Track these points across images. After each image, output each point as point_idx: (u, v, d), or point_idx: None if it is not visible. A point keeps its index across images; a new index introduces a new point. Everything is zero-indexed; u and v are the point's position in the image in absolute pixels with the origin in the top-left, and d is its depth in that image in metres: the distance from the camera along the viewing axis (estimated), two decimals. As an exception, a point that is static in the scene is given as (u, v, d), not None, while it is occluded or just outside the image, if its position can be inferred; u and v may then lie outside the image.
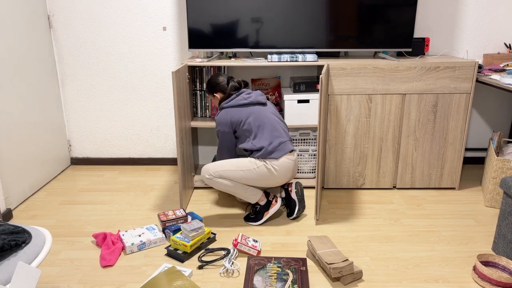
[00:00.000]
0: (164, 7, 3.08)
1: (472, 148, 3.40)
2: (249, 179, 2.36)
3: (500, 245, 2.10)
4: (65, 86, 3.29)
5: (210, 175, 2.37)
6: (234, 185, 2.37)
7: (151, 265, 2.08)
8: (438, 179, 2.90)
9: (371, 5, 2.75)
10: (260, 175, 2.35)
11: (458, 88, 2.72)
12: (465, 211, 2.63)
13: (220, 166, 2.37)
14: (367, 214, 2.59)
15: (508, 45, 3.11)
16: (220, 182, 2.36)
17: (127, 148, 3.43)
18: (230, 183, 2.36)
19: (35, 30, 2.93)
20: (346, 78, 2.70)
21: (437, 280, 1.95)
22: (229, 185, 2.37)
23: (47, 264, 2.09)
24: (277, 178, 2.39)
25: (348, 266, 1.89)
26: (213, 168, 2.37)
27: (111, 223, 2.50)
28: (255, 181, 2.37)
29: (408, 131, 2.80)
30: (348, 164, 2.87)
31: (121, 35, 3.15)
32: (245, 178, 2.35)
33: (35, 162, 2.94)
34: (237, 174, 2.35)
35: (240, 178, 2.35)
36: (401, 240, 2.30)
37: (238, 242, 2.17)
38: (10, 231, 1.49)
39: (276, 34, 2.80)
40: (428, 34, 3.13)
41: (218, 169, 2.36)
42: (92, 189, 2.99)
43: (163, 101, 3.30)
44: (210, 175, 2.37)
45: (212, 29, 2.79)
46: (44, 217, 2.58)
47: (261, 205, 2.45)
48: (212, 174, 2.36)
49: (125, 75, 3.24)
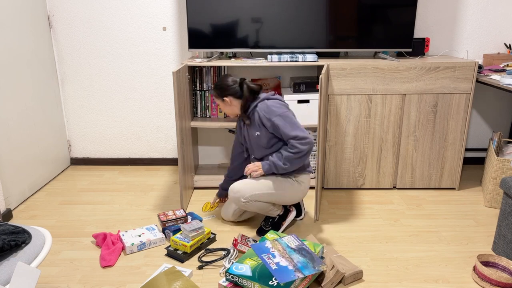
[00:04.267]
0: (164, 7, 3.08)
1: (472, 148, 3.40)
2: (280, 199, 2.25)
3: (500, 245, 2.10)
4: (65, 86, 3.29)
5: (246, 199, 2.17)
6: (264, 206, 2.23)
7: (151, 265, 2.08)
8: (438, 179, 2.90)
9: (371, 5, 2.75)
10: (292, 194, 2.25)
11: (458, 88, 2.72)
12: (465, 211, 2.63)
13: (255, 189, 2.17)
14: (367, 214, 2.59)
15: (508, 45, 3.11)
16: (254, 204, 2.19)
17: (127, 148, 3.43)
18: (261, 205, 2.21)
19: (35, 30, 2.93)
20: (346, 78, 2.70)
21: (437, 280, 1.95)
22: (259, 207, 2.22)
23: (47, 264, 2.09)
24: (302, 195, 2.31)
25: (337, 274, 1.88)
26: (247, 192, 2.17)
27: (111, 223, 2.50)
28: (283, 200, 2.27)
29: (408, 131, 2.80)
30: (348, 164, 2.87)
31: (121, 35, 3.15)
32: (278, 199, 2.23)
33: (35, 162, 2.94)
34: (272, 196, 2.21)
35: (273, 200, 2.23)
36: (401, 240, 2.30)
37: (238, 242, 2.17)
38: (10, 231, 1.48)
39: (276, 34, 2.80)
40: (428, 34, 3.13)
41: (253, 192, 2.17)
42: (92, 189, 2.99)
43: (163, 101, 3.30)
44: (246, 199, 2.17)
45: (212, 29, 2.79)
46: (44, 217, 2.58)
47: (279, 215, 2.35)
48: (248, 198, 2.17)
49: (125, 75, 3.24)
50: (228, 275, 1.82)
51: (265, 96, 2.25)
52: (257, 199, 2.19)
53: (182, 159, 2.53)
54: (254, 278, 1.75)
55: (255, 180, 2.21)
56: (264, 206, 2.23)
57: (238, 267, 1.82)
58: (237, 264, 1.85)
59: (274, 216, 2.34)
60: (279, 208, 2.34)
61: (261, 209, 2.24)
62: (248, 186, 2.18)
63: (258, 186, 2.18)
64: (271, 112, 2.16)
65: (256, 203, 2.20)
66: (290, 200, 2.28)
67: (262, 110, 2.18)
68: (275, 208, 2.30)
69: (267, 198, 2.20)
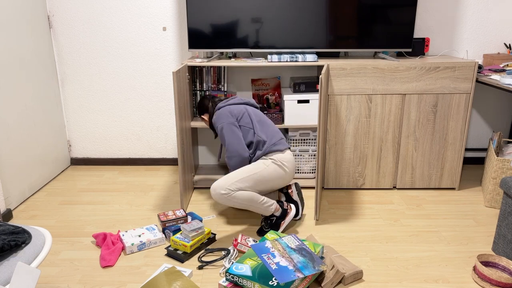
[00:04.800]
0: (164, 7, 3.08)
1: (472, 148, 3.40)
2: (263, 181, 2.25)
3: (500, 245, 2.10)
4: (65, 86, 3.29)
5: (227, 190, 2.16)
6: (251, 196, 2.21)
7: (151, 265, 2.08)
8: (438, 179, 2.90)
9: (371, 5, 2.75)
10: (273, 174, 2.27)
11: (458, 88, 2.72)
12: (465, 211, 2.63)
13: (233, 178, 2.20)
14: (367, 214, 2.59)
15: (508, 45, 3.11)
16: (238, 195, 2.18)
17: (127, 148, 3.43)
18: (248, 194, 2.20)
19: (35, 30, 2.93)
20: (346, 78, 2.70)
21: (437, 280, 1.95)
22: (246, 197, 2.20)
23: (47, 264, 2.09)
24: (287, 175, 2.34)
25: (337, 274, 1.88)
26: (226, 182, 2.18)
27: (111, 223, 2.50)
28: (269, 183, 2.27)
29: (408, 131, 2.80)
30: (348, 164, 2.87)
31: (121, 35, 3.15)
32: (260, 181, 2.24)
33: (35, 162, 2.94)
34: (252, 179, 2.22)
35: (255, 184, 2.23)
36: (401, 240, 2.30)
37: (238, 243, 2.17)
38: (10, 231, 1.48)
39: (276, 34, 2.80)
40: (428, 34, 3.13)
41: (232, 181, 2.18)
42: (92, 189, 2.99)
43: (163, 101, 3.30)
44: (227, 190, 2.16)
45: (212, 29, 2.79)
46: (44, 217, 2.58)
47: (277, 216, 2.34)
48: (228, 188, 2.16)
49: (125, 75, 3.24)
50: (228, 275, 1.82)
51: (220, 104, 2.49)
52: (238, 187, 2.19)
53: (182, 159, 2.53)
54: (254, 278, 1.75)
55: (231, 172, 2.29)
56: (250, 196, 2.20)
57: (238, 267, 1.82)
58: (237, 264, 1.85)
59: (268, 214, 2.31)
60: (272, 206, 2.29)
61: (249, 200, 2.21)
62: (226, 178, 2.23)
63: (233, 175, 2.24)
64: (216, 120, 2.43)
65: (240, 193, 2.18)
66: (275, 181, 2.30)
67: (214, 116, 2.46)
68: (264, 201, 2.26)
69: (249, 182, 2.22)
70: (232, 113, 2.40)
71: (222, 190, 2.17)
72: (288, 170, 2.33)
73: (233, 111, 2.41)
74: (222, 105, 2.48)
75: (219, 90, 3.03)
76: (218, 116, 2.42)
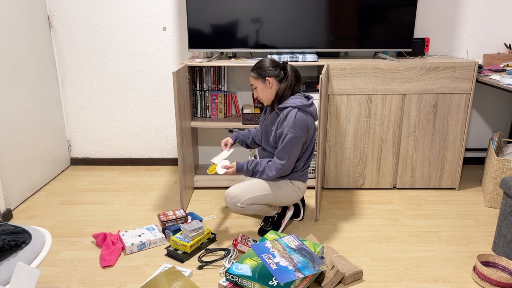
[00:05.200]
0: (164, 7, 3.08)
1: (472, 148, 3.40)
2: (276, 201, 2.24)
3: (500, 245, 2.10)
4: (65, 86, 3.29)
5: (243, 203, 2.15)
6: (261, 208, 2.23)
7: (151, 265, 2.08)
8: (438, 179, 2.90)
9: (371, 5, 2.75)
10: (287, 194, 2.24)
11: (458, 88, 2.72)
12: (465, 211, 2.63)
13: (251, 192, 2.16)
14: (367, 214, 2.59)
15: (508, 45, 3.11)
16: (251, 208, 2.19)
17: (127, 148, 3.43)
18: (259, 207, 2.22)
19: (35, 30, 2.93)
20: (346, 78, 2.70)
21: (437, 280, 1.95)
22: (257, 209, 2.22)
23: (47, 264, 2.09)
24: (298, 198, 2.31)
25: (337, 274, 1.88)
26: (243, 195, 2.15)
27: (111, 223, 2.50)
28: (279, 201, 2.26)
29: (408, 131, 2.80)
30: (348, 164, 2.87)
31: (121, 35, 3.15)
32: (273, 200, 2.23)
33: (35, 162, 2.94)
34: (267, 199, 2.20)
35: (269, 201, 2.22)
36: (401, 240, 2.30)
37: (238, 242, 2.17)
38: (10, 231, 1.48)
39: (276, 34, 2.80)
40: (428, 34, 3.13)
41: (249, 196, 2.16)
42: (92, 189, 2.99)
43: (163, 101, 3.30)
44: (243, 203, 2.15)
45: (212, 29, 2.79)
46: (44, 217, 2.58)
47: (278, 214, 2.37)
48: (245, 202, 2.15)
49: (125, 75, 3.24)
50: (228, 275, 1.82)
51: (300, 104, 2.13)
52: (253, 202, 2.18)
53: (182, 159, 2.53)
54: (254, 278, 1.75)
55: (250, 183, 2.20)
56: (260, 208, 2.24)
57: (238, 267, 1.82)
58: (237, 264, 1.85)
59: (272, 215, 2.35)
60: (276, 208, 2.34)
61: (258, 211, 2.25)
62: (244, 190, 2.16)
63: (253, 189, 2.17)
64: (290, 124, 2.10)
65: (253, 206, 2.20)
66: (285, 200, 2.27)
67: (288, 115, 2.12)
68: (271, 208, 2.30)
69: (263, 200, 2.20)
70: (309, 128, 2.15)
71: (239, 203, 2.15)
72: (301, 194, 2.32)
73: (311, 127, 2.18)
74: (308, 108, 2.15)
75: (219, 90, 3.03)
76: (299, 120, 2.10)
